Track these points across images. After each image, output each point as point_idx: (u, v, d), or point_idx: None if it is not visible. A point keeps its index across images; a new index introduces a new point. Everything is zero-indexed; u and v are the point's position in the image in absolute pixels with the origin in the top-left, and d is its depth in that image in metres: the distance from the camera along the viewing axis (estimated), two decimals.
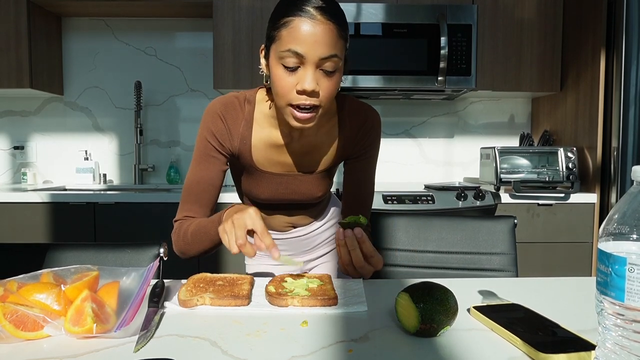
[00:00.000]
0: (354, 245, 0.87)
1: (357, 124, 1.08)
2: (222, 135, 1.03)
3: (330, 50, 0.88)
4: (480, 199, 2.13)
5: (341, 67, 0.93)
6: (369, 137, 1.09)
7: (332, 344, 0.64)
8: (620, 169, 2.07)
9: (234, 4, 2.34)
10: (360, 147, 1.10)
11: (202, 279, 0.87)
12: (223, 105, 1.03)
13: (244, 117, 1.04)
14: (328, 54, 0.88)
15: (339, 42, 0.90)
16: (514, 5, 2.41)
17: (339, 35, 0.90)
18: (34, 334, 0.65)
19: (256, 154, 1.06)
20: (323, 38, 0.87)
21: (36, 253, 1.02)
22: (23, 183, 2.63)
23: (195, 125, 2.73)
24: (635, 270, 0.46)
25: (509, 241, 1.28)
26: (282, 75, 0.90)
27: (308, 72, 0.89)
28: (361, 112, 1.08)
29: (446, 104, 2.77)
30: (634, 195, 0.48)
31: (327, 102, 0.94)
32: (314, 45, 0.87)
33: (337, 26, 0.89)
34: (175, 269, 1.10)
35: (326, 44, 0.88)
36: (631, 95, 2.04)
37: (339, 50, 0.90)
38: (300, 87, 0.89)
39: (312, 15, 0.87)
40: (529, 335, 0.63)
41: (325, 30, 0.87)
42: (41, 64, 2.45)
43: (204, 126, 1.04)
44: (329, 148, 1.08)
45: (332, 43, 0.88)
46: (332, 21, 0.88)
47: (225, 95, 1.06)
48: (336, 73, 0.92)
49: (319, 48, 0.87)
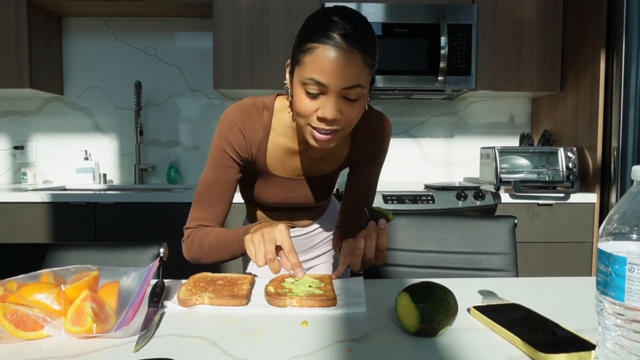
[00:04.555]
0: (372, 235, 0.88)
1: (370, 133, 1.07)
2: (240, 146, 1.02)
3: (354, 80, 0.85)
4: (480, 199, 2.13)
5: (366, 93, 0.90)
6: (379, 146, 1.10)
7: (332, 344, 0.64)
8: (620, 169, 2.07)
9: (234, 4, 2.34)
10: (369, 154, 1.10)
11: (203, 278, 0.87)
12: (242, 114, 1.01)
13: (262, 125, 1.02)
14: (351, 84, 0.85)
15: (364, 70, 0.86)
16: (514, 5, 2.41)
17: (365, 64, 0.86)
18: (34, 334, 0.65)
19: (270, 159, 1.05)
20: (347, 69, 0.84)
21: (36, 253, 1.02)
22: (23, 183, 2.63)
23: (196, 125, 2.74)
24: (635, 270, 0.46)
25: (509, 241, 1.28)
26: (303, 99, 0.88)
27: (330, 101, 0.86)
28: (376, 121, 1.07)
29: (446, 103, 2.77)
30: (634, 195, 0.48)
31: (350, 126, 0.92)
32: (337, 76, 0.84)
33: (364, 54, 0.85)
34: (175, 269, 1.10)
35: (350, 74, 0.84)
36: (631, 95, 2.04)
37: (363, 79, 0.87)
38: (321, 115, 0.87)
39: (336, 44, 0.83)
40: (529, 335, 0.63)
41: (349, 60, 0.83)
42: (41, 64, 2.45)
43: (221, 135, 1.01)
44: (340, 153, 1.09)
45: (357, 73, 0.85)
46: (358, 49, 0.84)
47: (243, 103, 1.03)
48: (360, 99, 0.89)
49: (341, 79, 0.84)
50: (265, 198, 1.12)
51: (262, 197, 1.12)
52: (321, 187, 1.13)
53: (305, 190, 1.11)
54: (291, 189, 1.10)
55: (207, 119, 2.73)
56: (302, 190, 1.11)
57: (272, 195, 1.11)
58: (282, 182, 1.09)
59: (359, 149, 1.08)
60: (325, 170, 1.10)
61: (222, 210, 1.05)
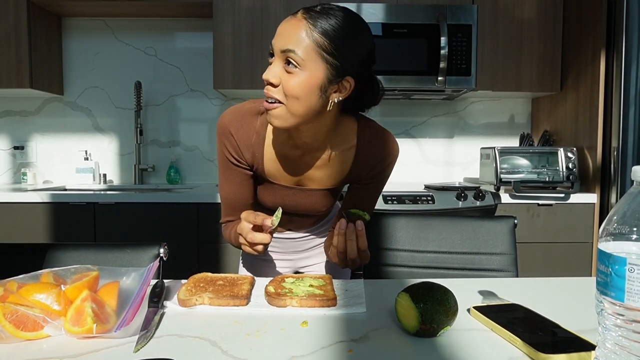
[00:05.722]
0: (352, 236, 0.90)
1: (376, 157, 1.04)
2: (235, 150, 1.03)
3: (291, 44, 0.86)
4: (480, 199, 2.13)
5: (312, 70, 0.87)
6: (382, 170, 1.07)
7: (332, 344, 0.64)
8: (620, 169, 2.07)
9: (234, 4, 2.34)
10: (369, 177, 1.07)
11: (203, 278, 0.88)
12: (233, 119, 1.02)
13: (255, 130, 1.02)
14: (285, 47, 0.86)
15: (305, 40, 0.86)
16: (514, 5, 2.42)
17: (307, 34, 0.86)
18: (34, 334, 0.65)
19: (268, 165, 1.05)
20: (288, 31, 0.87)
21: (36, 253, 1.02)
22: (23, 183, 2.63)
23: (196, 125, 2.74)
24: (635, 270, 0.46)
25: (509, 241, 1.28)
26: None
27: (273, 64, 0.89)
28: (383, 143, 1.05)
29: (446, 104, 2.77)
30: (634, 195, 0.48)
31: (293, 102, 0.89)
32: (279, 37, 0.88)
33: (310, 25, 0.86)
34: (175, 269, 1.10)
35: (290, 37, 0.86)
36: (631, 95, 2.03)
37: (302, 47, 0.86)
38: (263, 76, 0.90)
39: (294, 13, 0.88)
40: (529, 335, 0.63)
41: (295, 26, 0.87)
42: (41, 64, 2.45)
43: (219, 141, 1.04)
44: (341, 169, 1.06)
45: (295, 38, 0.86)
46: (307, 20, 0.87)
47: (239, 107, 1.03)
48: (298, 71, 0.87)
49: (281, 40, 0.87)
50: (264, 201, 1.12)
51: (262, 200, 1.12)
52: (319, 199, 1.10)
53: (302, 200, 1.09)
54: (288, 197, 1.09)
55: (207, 119, 2.73)
56: (299, 199, 1.09)
57: (269, 200, 1.11)
58: (280, 189, 1.08)
59: (360, 168, 1.05)
60: (324, 183, 1.08)
61: (243, 205, 1.09)
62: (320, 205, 1.11)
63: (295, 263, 1.29)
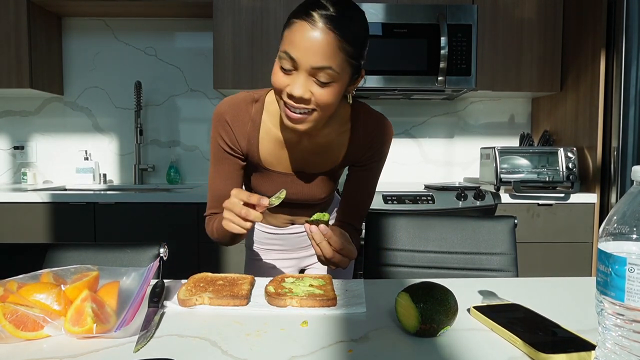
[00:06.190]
0: (320, 239, 0.91)
1: (370, 136, 1.06)
2: (230, 138, 1.04)
3: (325, 61, 0.84)
4: (480, 199, 2.13)
5: (343, 79, 0.89)
6: (379, 149, 1.08)
7: (332, 344, 0.64)
8: (620, 169, 2.07)
9: (234, 4, 2.34)
10: (368, 157, 1.09)
11: (203, 278, 0.88)
12: (229, 107, 1.03)
13: (250, 118, 1.03)
14: (321, 64, 0.84)
15: (338, 54, 0.85)
16: (514, 5, 2.42)
17: (339, 48, 0.85)
18: (34, 334, 0.65)
19: (264, 152, 1.05)
20: (319, 47, 0.83)
21: (36, 253, 1.02)
22: (23, 183, 2.63)
23: (196, 125, 2.74)
24: (635, 270, 0.46)
25: (509, 241, 1.28)
26: (277, 73, 0.89)
27: (299, 78, 0.86)
28: (376, 124, 1.07)
29: (446, 104, 2.77)
30: (634, 195, 0.48)
31: (325, 111, 0.91)
32: (307, 52, 0.84)
33: (340, 38, 0.84)
34: (175, 269, 1.10)
35: (321, 54, 0.84)
36: (631, 95, 2.03)
37: (336, 63, 0.85)
38: (289, 91, 0.87)
39: (313, 21, 0.83)
40: (529, 335, 0.63)
41: (322, 40, 0.83)
42: (41, 64, 2.45)
43: (214, 129, 1.05)
44: (338, 152, 1.07)
45: (329, 54, 0.84)
46: (335, 32, 0.83)
47: (233, 96, 1.05)
48: (333, 84, 0.88)
49: (311, 56, 0.84)
50: (263, 192, 1.11)
51: (260, 190, 1.12)
52: (318, 185, 1.11)
53: (301, 187, 1.10)
54: (287, 185, 1.09)
55: (207, 119, 2.73)
56: (298, 186, 1.10)
57: (269, 189, 1.10)
58: (278, 177, 1.08)
59: (356, 149, 1.07)
60: (322, 167, 1.09)
61: None
62: (320, 191, 1.12)
63: (300, 262, 1.29)
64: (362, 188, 1.13)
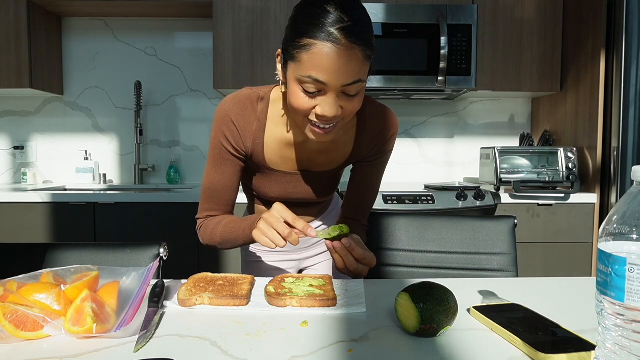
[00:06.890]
0: (345, 253, 0.89)
1: (376, 130, 1.05)
2: (234, 138, 1.00)
3: (355, 76, 0.82)
4: (480, 199, 2.13)
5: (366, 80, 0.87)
6: (385, 144, 1.07)
7: (332, 344, 0.64)
8: (620, 169, 2.07)
9: (234, 4, 2.34)
10: (374, 152, 1.08)
11: (203, 278, 0.87)
12: (235, 106, 0.99)
13: (256, 116, 1.00)
14: (352, 80, 0.82)
15: (365, 64, 0.83)
16: (514, 5, 2.42)
17: (365, 57, 0.82)
18: (34, 334, 0.65)
19: (269, 152, 1.03)
20: (348, 66, 0.80)
21: (36, 253, 1.02)
22: (23, 183, 2.63)
23: (196, 125, 2.74)
24: (635, 270, 0.46)
25: (509, 241, 1.28)
26: (300, 97, 0.85)
27: (330, 99, 0.83)
28: (383, 117, 1.05)
29: (446, 104, 2.77)
30: (634, 195, 0.48)
31: (350, 117, 0.90)
32: (337, 74, 0.80)
33: (364, 48, 0.81)
34: (175, 269, 1.10)
35: (351, 70, 0.81)
36: (631, 95, 2.04)
37: (363, 73, 0.84)
38: (321, 113, 0.84)
39: (336, 40, 0.79)
40: (529, 335, 0.63)
41: (350, 57, 0.80)
42: (41, 64, 2.45)
43: (217, 128, 1.01)
44: (344, 149, 1.06)
45: (357, 69, 0.82)
46: (358, 44, 0.80)
47: (238, 93, 1.01)
48: (360, 92, 0.86)
49: (342, 77, 0.81)
50: (266, 192, 1.10)
51: (263, 191, 1.10)
52: (323, 183, 1.10)
53: (306, 186, 1.09)
54: (291, 184, 1.08)
55: (207, 119, 2.73)
56: (303, 186, 1.08)
57: (272, 189, 1.09)
58: (282, 177, 1.07)
59: (362, 146, 1.06)
60: (327, 165, 1.08)
61: (229, 199, 1.06)
62: (324, 189, 1.12)
63: (300, 263, 1.29)
64: (367, 184, 1.12)
